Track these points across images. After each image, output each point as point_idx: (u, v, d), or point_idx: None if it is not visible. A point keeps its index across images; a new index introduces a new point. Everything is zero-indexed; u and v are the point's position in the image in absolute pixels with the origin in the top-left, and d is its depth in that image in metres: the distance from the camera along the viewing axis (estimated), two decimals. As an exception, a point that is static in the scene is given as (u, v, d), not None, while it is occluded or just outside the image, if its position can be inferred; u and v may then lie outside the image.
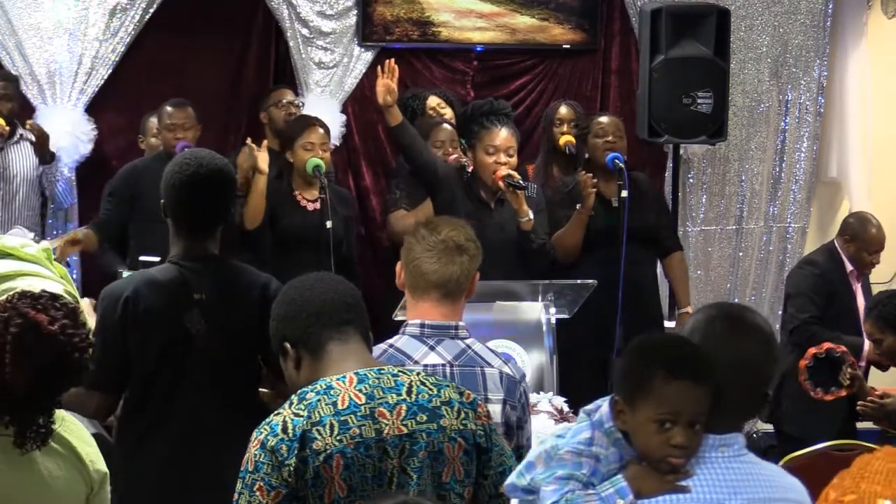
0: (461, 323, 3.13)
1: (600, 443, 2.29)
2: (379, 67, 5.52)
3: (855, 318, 5.97)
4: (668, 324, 6.50)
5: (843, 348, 5.68)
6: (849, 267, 6.08)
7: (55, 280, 3.09)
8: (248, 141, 5.62)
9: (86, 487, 2.69)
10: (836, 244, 6.15)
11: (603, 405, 2.33)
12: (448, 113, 6.33)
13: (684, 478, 2.24)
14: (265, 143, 5.67)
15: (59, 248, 5.07)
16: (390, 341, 3.09)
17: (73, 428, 2.64)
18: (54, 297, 2.60)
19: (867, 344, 5.64)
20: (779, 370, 6.31)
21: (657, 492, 2.23)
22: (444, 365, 3.04)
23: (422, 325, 3.08)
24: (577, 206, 5.61)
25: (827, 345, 5.67)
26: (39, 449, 2.56)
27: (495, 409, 3.00)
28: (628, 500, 2.23)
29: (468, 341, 3.12)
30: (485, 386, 3.04)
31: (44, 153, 6.32)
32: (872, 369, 5.96)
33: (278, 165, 5.77)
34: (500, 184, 5.30)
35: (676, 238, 6.39)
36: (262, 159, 5.48)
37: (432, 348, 3.07)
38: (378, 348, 3.05)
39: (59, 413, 2.64)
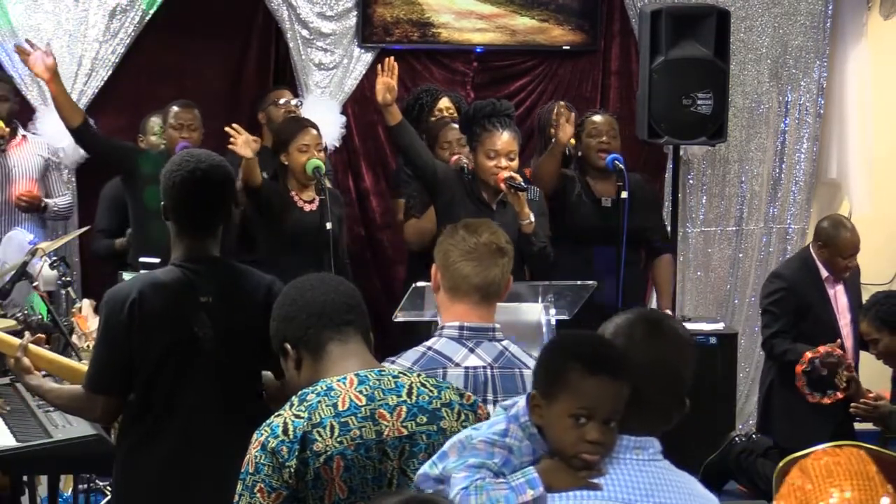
0: (497, 325, 3.14)
1: (514, 435, 2.27)
2: (379, 66, 5.52)
3: (832, 325, 5.94)
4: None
5: (840, 351, 5.69)
6: (824, 273, 5.99)
7: None
8: (229, 128, 5.55)
9: None
10: (811, 250, 6.07)
11: (520, 400, 2.32)
12: (456, 117, 6.32)
13: (597, 475, 2.23)
14: (246, 135, 5.59)
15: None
16: (427, 343, 3.08)
17: None
18: None
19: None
20: (764, 384, 6.30)
21: (568, 487, 2.21)
22: (484, 367, 3.05)
23: (461, 328, 3.08)
24: (552, 146, 5.77)
25: (823, 348, 5.68)
26: None
27: None
28: (538, 491, 2.20)
29: (504, 343, 3.13)
30: (524, 387, 3.04)
31: (37, 209, 6.32)
32: (868, 371, 5.96)
33: (273, 167, 5.77)
34: (503, 186, 5.29)
35: (667, 240, 6.38)
36: (244, 146, 5.44)
37: (472, 350, 3.07)
38: (416, 351, 3.07)
39: None
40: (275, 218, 5.62)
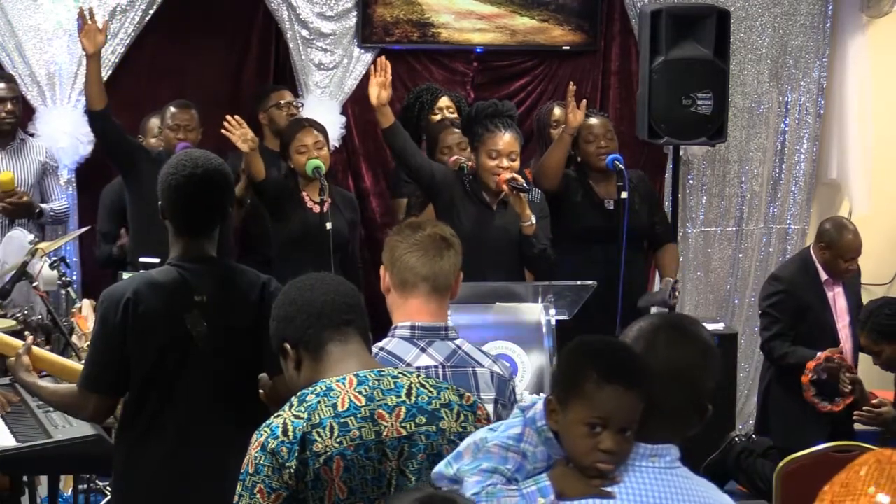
0: (450, 324, 3.13)
1: (530, 440, 2.25)
2: (372, 66, 5.51)
3: (831, 329, 5.92)
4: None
5: (839, 355, 5.69)
6: (823, 275, 5.95)
7: None
8: (228, 119, 5.54)
9: None
10: (812, 251, 6.03)
11: (538, 403, 2.29)
12: (456, 116, 6.32)
13: (610, 484, 2.19)
14: (245, 129, 5.58)
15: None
16: (380, 344, 3.07)
17: None
18: None
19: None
20: (763, 385, 6.30)
21: (581, 495, 2.19)
22: (436, 366, 3.04)
23: (412, 327, 3.07)
24: (562, 129, 5.73)
25: (823, 354, 5.67)
26: None
27: (487, 409, 3.00)
28: (549, 499, 2.18)
29: (458, 342, 3.12)
30: (477, 386, 3.04)
31: (31, 215, 6.30)
32: (867, 372, 5.96)
33: (283, 166, 5.78)
34: (504, 187, 5.28)
35: (671, 232, 6.38)
36: (240, 139, 5.45)
37: (424, 350, 3.06)
38: None
39: None
40: (282, 216, 5.63)
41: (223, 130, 5.51)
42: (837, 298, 5.99)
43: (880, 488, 1.64)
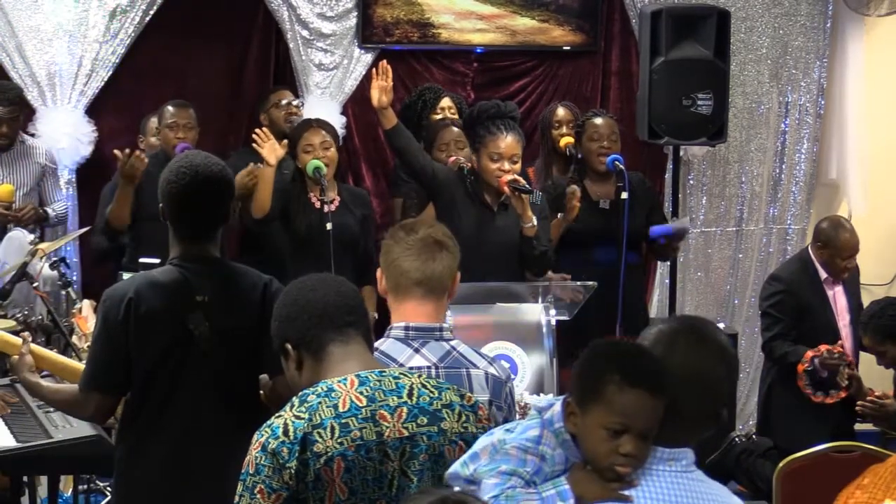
0: (445, 324, 3.12)
1: (548, 442, 2.25)
2: (374, 69, 5.51)
3: (832, 328, 5.93)
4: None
5: (840, 349, 5.69)
6: (823, 274, 5.96)
7: None
8: (256, 134, 5.57)
9: None
10: (810, 251, 6.04)
11: (556, 405, 2.29)
12: (456, 118, 6.32)
13: (628, 487, 2.20)
14: (274, 142, 5.61)
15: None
16: (375, 344, 3.08)
17: None
18: None
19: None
20: (764, 385, 6.30)
21: (599, 499, 2.19)
22: (429, 367, 3.02)
23: (406, 328, 3.06)
24: (559, 215, 5.62)
25: (824, 347, 5.67)
26: None
27: None
28: (569, 503, 2.19)
29: (453, 342, 3.11)
30: (470, 387, 3.02)
31: (42, 221, 6.30)
32: (867, 371, 5.96)
33: (291, 166, 5.78)
34: (506, 189, 5.27)
35: None
36: (270, 151, 5.48)
37: (417, 350, 3.05)
38: None
39: None
40: (288, 218, 5.63)
41: (254, 144, 5.51)
42: (838, 297, 6.00)
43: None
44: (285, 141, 5.66)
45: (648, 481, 2.22)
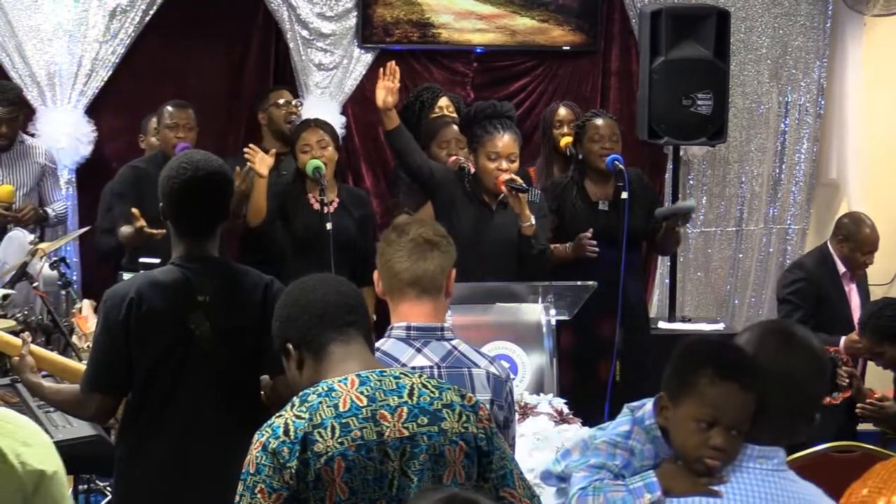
0: (446, 324, 3.13)
1: (637, 437, 2.29)
2: (381, 70, 5.50)
3: (848, 321, 5.94)
4: (663, 324, 6.51)
5: (834, 347, 5.69)
6: (841, 269, 6.01)
7: None
8: (247, 149, 5.55)
9: (15, 489, 2.53)
10: (830, 245, 6.08)
11: (647, 403, 2.34)
12: (455, 117, 6.32)
13: (717, 483, 2.22)
14: (269, 151, 5.61)
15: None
16: (377, 344, 3.07)
17: (9, 428, 2.52)
18: None
19: (842, 340, 5.65)
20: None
21: (688, 492, 2.22)
22: (431, 367, 3.03)
23: (408, 328, 3.07)
24: (567, 246, 5.61)
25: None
26: None
27: None
28: (656, 495, 2.22)
29: (454, 342, 3.12)
30: (472, 387, 3.03)
31: (42, 221, 6.30)
32: (870, 370, 5.96)
33: (289, 167, 5.77)
34: (503, 188, 5.28)
35: None
36: (260, 163, 5.47)
37: (419, 350, 3.06)
38: None
39: None
40: (287, 218, 5.63)
41: (245, 156, 5.50)
42: (852, 294, 6.04)
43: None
44: (273, 150, 5.66)
45: (738, 478, 2.24)
